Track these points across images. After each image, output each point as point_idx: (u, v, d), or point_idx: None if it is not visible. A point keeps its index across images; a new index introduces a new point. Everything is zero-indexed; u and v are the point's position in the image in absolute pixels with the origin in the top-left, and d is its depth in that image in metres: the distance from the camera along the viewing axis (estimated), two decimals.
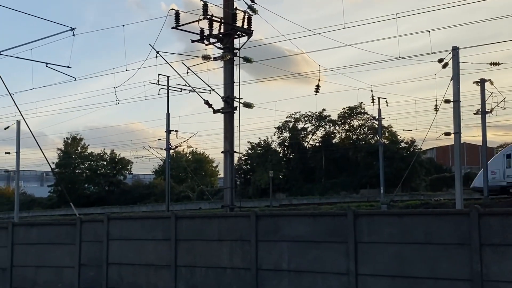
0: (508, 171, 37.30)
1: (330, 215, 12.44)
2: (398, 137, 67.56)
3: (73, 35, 23.26)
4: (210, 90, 23.37)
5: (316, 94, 25.61)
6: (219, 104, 21.72)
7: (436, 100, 35.33)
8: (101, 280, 15.54)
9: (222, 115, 21.46)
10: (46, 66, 25.07)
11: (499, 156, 39.20)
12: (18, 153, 37.66)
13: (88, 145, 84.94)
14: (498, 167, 37.68)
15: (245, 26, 21.37)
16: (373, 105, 49.29)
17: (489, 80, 36.01)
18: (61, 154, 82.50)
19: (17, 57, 25.26)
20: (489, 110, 37.00)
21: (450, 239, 10.77)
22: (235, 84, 21.40)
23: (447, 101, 26.49)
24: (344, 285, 11.81)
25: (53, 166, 74.59)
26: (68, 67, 25.43)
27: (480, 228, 10.48)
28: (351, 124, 70.04)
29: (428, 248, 10.98)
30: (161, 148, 50.41)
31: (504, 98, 37.60)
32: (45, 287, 16.64)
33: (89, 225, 16.17)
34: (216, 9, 21.55)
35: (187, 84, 24.49)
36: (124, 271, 15.20)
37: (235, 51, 21.43)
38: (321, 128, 70.91)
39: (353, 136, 69.65)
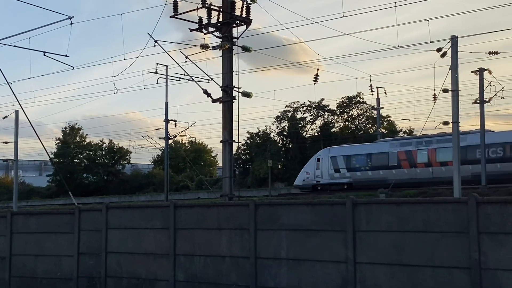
0: (317, 172, 44.50)
1: (329, 204, 12.48)
2: (397, 126, 67.68)
3: (71, 24, 23.15)
4: (208, 80, 23.36)
5: (315, 84, 25.57)
6: (217, 93, 21.70)
7: (434, 90, 35.25)
8: (100, 269, 15.59)
9: (221, 104, 21.44)
10: (44, 55, 24.98)
11: (312, 160, 46.05)
12: (16, 142, 37.55)
13: (87, 134, 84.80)
14: (311, 168, 44.86)
15: (244, 15, 21.30)
16: (372, 94, 49.45)
17: (487, 69, 35.83)
18: (60, 144, 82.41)
19: (15, 46, 25.18)
20: (487, 100, 36.86)
21: (448, 228, 10.81)
22: (233, 73, 21.37)
23: (445, 91, 26.42)
24: (343, 273, 11.86)
25: (52, 156, 74.57)
26: (66, 56, 25.35)
27: (478, 216, 10.52)
28: (350, 114, 70.05)
29: (426, 237, 11.02)
30: (160, 138, 50.38)
31: (503, 87, 37.48)
32: (44, 276, 16.70)
33: (88, 214, 16.20)
34: None
35: (186, 73, 24.41)
36: (123, 260, 15.24)
37: (233, 40, 21.37)
38: (319, 117, 70.92)
39: (352, 126, 69.66)
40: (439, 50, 25.25)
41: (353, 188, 41.88)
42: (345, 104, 69.25)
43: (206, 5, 20.98)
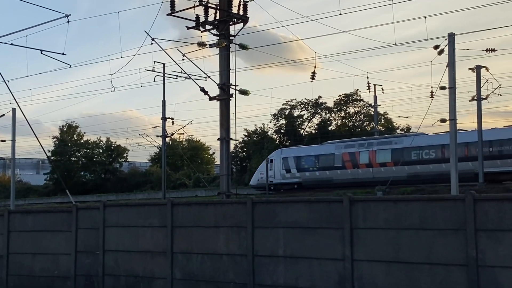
0: (270, 172, 47.32)
1: (326, 202, 12.47)
2: (394, 124, 67.77)
3: (68, 22, 23.13)
4: (205, 77, 23.35)
5: (312, 81, 25.58)
6: (215, 91, 21.70)
7: (431, 87, 35.47)
8: (97, 267, 15.58)
9: (218, 102, 21.43)
10: (41, 53, 24.97)
11: (265, 162, 48.86)
12: (13, 141, 37.43)
13: (84, 132, 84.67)
14: (265, 169, 47.54)
15: (241, 12, 21.29)
16: (369, 92, 49.41)
17: (484, 66, 35.88)
18: (57, 142, 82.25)
19: (12, 44, 25.16)
20: (484, 97, 36.90)
21: (445, 225, 10.82)
22: (230, 71, 21.36)
23: (442, 88, 26.49)
24: (340, 270, 11.87)
25: (49, 154, 74.45)
26: (63, 54, 25.34)
27: (475, 213, 10.52)
28: (347, 111, 70.10)
29: (423, 234, 11.03)
30: (157, 136, 50.31)
31: (500, 85, 37.51)
32: (42, 274, 16.68)
33: (85, 212, 16.18)
34: None
35: (183, 71, 24.46)
36: (120, 258, 15.23)
37: (230, 38, 21.36)
38: (317, 115, 70.95)
39: (349, 123, 69.71)
40: (436, 47, 25.28)
41: (302, 187, 44.43)
42: (342, 102, 69.27)
43: (203, 3, 20.98)
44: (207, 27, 21.45)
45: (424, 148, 38.94)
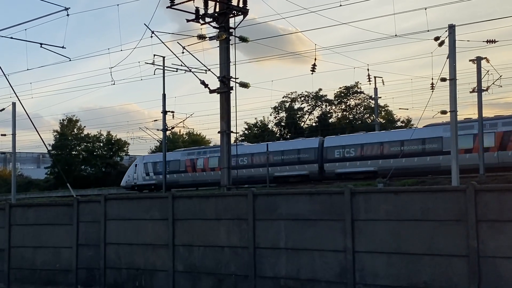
0: (135, 175, 55.28)
1: (327, 193, 12.48)
2: (395, 116, 67.77)
3: (67, 15, 23.11)
4: (206, 70, 23.34)
5: (312, 74, 25.58)
6: (215, 84, 21.68)
7: (432, 79, 35.54)
8: (99, 260, 15.61)
9: (218, 95, 21.41)
10: (41, 46, 24.95)
11: (132, 165, 56.99)
12: (14, 135, 37.47)
13: (84, 126, 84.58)
14: (131, 172, 55.81)
15: (241, 5, 21.24)
16: (370, 84, 49.51)
17: (485, 58, 35.76)
18: (57, 136, 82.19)
19: (11, 38, 25.14)
20: (485, 88, 36.77)
21: (446, 216, 10.83)
22: (231, 63, 21.33)
23: (443, 79, 26.40)
24: (341, 262, 11.89)
25: (50, 148, 74.43)
26: (62, 47, 25.31)
27: (476, 204, 10.53)
28: (348, 104, 70.04)
29: (424, 225, 11.04)
30: (158, 129, 50.44)
31: (500, 76, 37.38)
32: (44, 267, 16.71)
33: (87, 206, 16.19)
34: None
35: (183, 64, 24.46)
36: (122, 251, 15.26)
37: (230, 30, 21.31)
38: (317, 108, 70.90)
39: (350, 116, 69.66)
40: (437, 39, 25.19)
41: (157, 188, 51.08)
42: (342, 94, 69.21)
43: None
44: (207, 19, 21.41)
45: (239, 155, 45.61)
